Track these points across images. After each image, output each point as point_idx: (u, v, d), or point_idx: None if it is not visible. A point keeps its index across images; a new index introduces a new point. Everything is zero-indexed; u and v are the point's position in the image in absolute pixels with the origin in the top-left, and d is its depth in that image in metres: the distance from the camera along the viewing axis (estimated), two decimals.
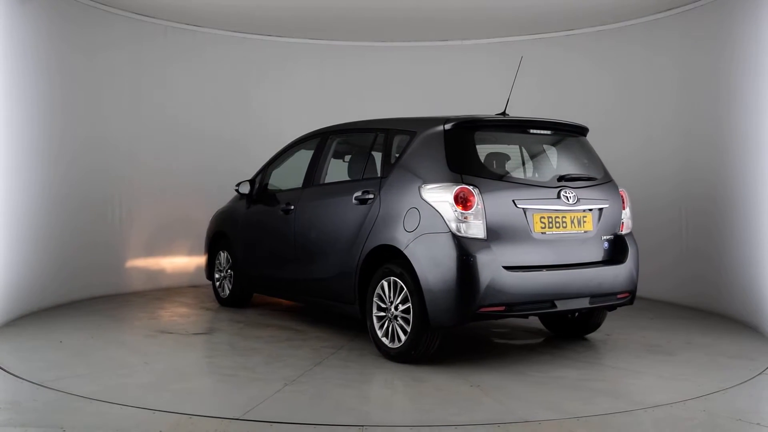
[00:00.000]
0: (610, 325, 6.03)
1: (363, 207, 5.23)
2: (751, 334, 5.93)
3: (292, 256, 6.09)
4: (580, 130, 5.54)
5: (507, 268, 4.60)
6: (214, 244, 7.30)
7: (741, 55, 6.43)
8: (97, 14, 7.54)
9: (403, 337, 4.83)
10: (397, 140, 5.30)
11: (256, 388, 4.29)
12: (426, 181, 4.80)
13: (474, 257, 4.52)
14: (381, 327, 5.01)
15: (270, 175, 6.74)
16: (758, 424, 3.70)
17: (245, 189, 6.74)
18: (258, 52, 8.92)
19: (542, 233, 4.80)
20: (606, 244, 5.11)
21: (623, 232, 5.26)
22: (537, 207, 4.78)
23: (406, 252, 4.76)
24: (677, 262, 7.42)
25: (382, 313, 4.99)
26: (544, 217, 4.81)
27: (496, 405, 4.01)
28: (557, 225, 4.87)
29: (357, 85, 9.08)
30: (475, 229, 4.58)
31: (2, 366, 4.68)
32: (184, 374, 4.75)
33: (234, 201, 7.12)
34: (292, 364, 4.89)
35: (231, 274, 6.99)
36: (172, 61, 8.38)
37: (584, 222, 5.00)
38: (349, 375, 4.63)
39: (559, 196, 4.87)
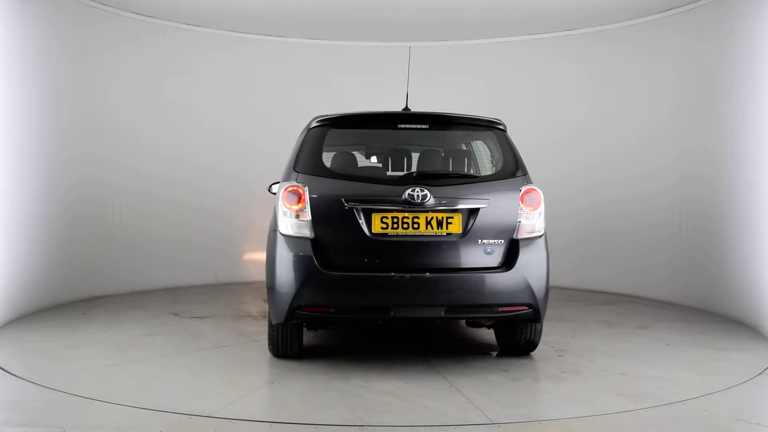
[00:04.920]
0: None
1: None
2: (751, 334, 5.93)
3: None
4: (487, 124, 5.02)
5: (331, 269, 4.40)
6: None
7: (741, 55, 6.44)
8: (97, 14, 7.54)
9: None
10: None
11: (101, 362, 4.84)
12: (281, 180, 4.81)
13: (290, 256, 4.42)
14: None
15: None
16: (758, 424, 3.70)
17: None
18: (258, 52, 8.93)
19: (383, 234, 4.44)
20: (489, 249, 4.53)
21: (521, 236, 4.59)
22: (376, 207, 4.45)
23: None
24: (677, 263, 7.43)
25: None
26: (386, 218, 4.45)
27: (236, 399, 4.01)
28: (405, 226, 4.46)
29: (358, 85, 9.08)
30: (301, 228, 4.47)
31: (2, 366, 4.69)
32: (86, 344, 5.40)
33: None
34: (192, 347, 5.35)
35: None
36: (172, 61, 8.39)
37: (449, 223, 4.51)
38: (207, 361, 4.93)
39: (405, 195, 4.46)
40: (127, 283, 7.88)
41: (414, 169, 5.20)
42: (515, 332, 4.96)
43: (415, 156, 5.56)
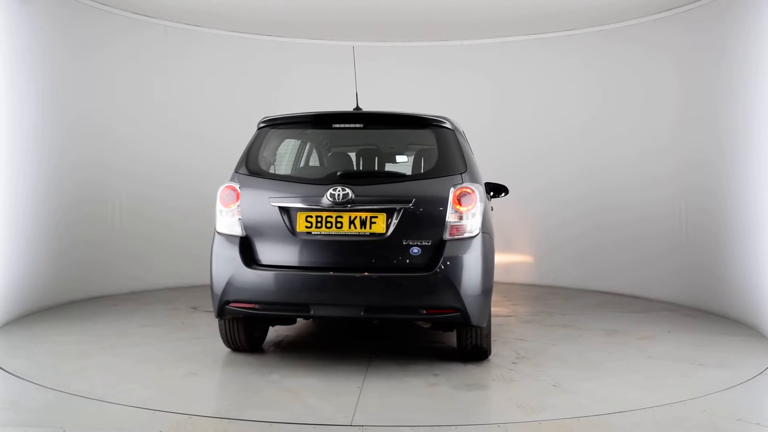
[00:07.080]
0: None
1: None
2: (751, 334, 5.93)
3: None
4: (427, 122, 4.92)
5: (256, 266, 4.52)
6: None
7: (741, 55, 6.44)
8: (97, 14, 7.55)
9: None
10: None
11: (74, 347, 5.19)
12: None
13: (221, 253, 4.60)
14: None
15: None
16: (758, 424, 3.70)
17: None
18: (258, 52, 8.92)
19: (307, 233, 4.50)
20: (415, 250, 4.43)
21: (450, 237, 4.45)
22: (298, 206, 4.52)
23: None
24: (677, 263, 7.42)
25: None
26: (310, 217, 4.50)
27: (140, 387, 4.24)
28: (328, 225, 4.48)
29: (358, 85, 9.07)
30: (233, 226, 4.63)
31: (2, 366, 4.68)
32: (80, 332, 5.73)
33: None
34: (169, 337, 5.61)
35: None
36: (171, 60, 8.39)
37: (372, 223, 4.46)
38: (165, 351, 5.16)
39: (327, 195, 4.48)
40: (168, 278, 8.19)
41: (352, 167, 5.31)
42: (460, 337, 4.83)
43: (356, 156, 5.64)
